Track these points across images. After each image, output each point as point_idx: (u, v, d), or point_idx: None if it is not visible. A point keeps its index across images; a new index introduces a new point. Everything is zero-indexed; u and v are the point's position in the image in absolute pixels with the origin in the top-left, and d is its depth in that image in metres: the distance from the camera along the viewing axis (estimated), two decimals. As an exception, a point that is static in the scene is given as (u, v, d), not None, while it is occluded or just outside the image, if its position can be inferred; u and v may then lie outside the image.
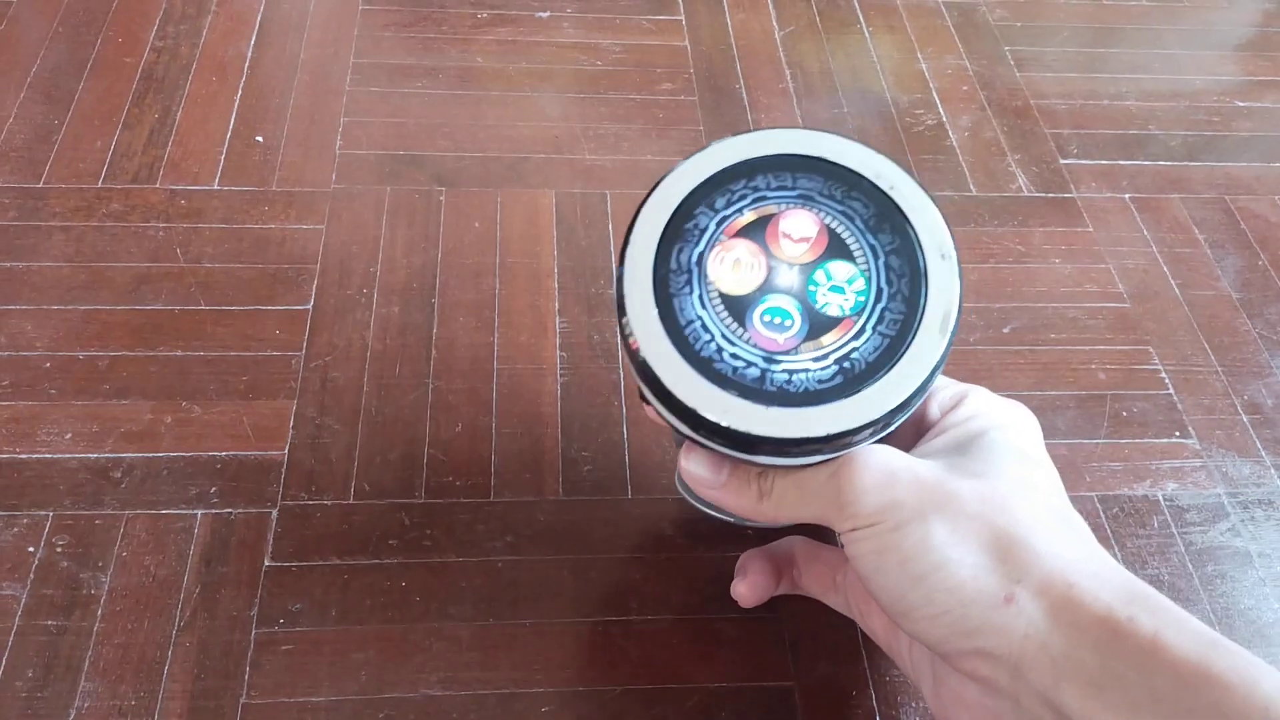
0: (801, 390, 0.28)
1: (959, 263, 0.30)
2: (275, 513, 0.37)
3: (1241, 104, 0.57)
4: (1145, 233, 0.50)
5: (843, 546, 0.29)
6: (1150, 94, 0.57)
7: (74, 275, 0.44)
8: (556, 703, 0.33)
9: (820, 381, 0.28)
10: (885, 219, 0.30)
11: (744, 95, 0.55)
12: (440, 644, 0.34)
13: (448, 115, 0.52)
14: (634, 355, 0.29)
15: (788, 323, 0.29)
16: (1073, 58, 0.59)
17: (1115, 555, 0.38)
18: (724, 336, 0.29)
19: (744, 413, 0.28)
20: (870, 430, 0.28)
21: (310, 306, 0.43)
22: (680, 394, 0.28)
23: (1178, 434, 0.42)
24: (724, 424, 0.28)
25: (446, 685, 0.33)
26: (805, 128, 0.32)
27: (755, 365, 0.28)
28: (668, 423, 0.29)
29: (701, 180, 0.31)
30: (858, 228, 0.30)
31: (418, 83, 0.54)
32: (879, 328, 0.29)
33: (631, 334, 0.29)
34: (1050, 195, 0.51)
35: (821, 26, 0.60)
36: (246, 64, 0.54)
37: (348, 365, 0.41)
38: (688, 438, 0.30)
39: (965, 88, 0.56)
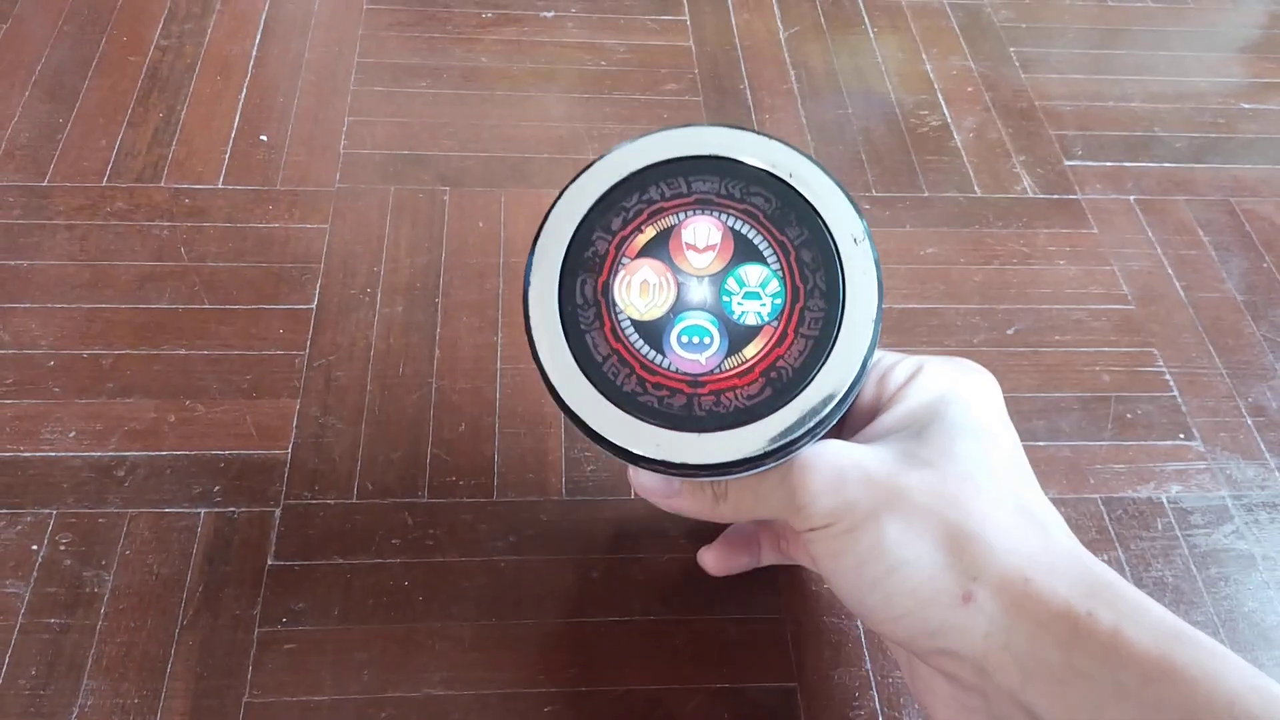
0: (731, 410, 0.27)
1: (873, 244, 0.28)
2: (278, 512, 0.37)
3: (1247, 106, 0.57)
4: (1150, 234, 0.50)
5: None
6: (1155, 95, 0.57)
7: (78, 274, 0.44)
8: (559, 703, 0.33)
9: (749, 398, 0.27)
10: (790, 210, 0.29)
11: (748, 96, 0.55)
12: (443, 644, 0.34)
13: (452, 115, 0.52)
14: (555, 398, 0.28)
15: (707, 340, 0.28)
16: (1078, 59, 0.59)
17: (1119, 558, 0.38)
18: (644, 368, 0.28)
19: (676, 444, 0.27)
20: (808, 435, 0.27)
21: (314, 306, 0.43)
22: (608, 434, 0.28)
23: (1182, 436, 0.42)
24: (658, 458, 0.27)
25: (449, 685, 0.33)
26: (690, 124, 0.30)
27: (680, 393, 0.28)
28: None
29: (593, 202, 0.29)
30: (763, 225, 0.29)
31: (422, 82, 0.54)
32: (801, 329, 0.28)
33: (548, 377, 0.28)
34: (1055, 197, 0.51)
35: (826, 27, 0.60)
36: (251, 63, 0.54)
37: (351, 365, 0.41)
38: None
39: (970, 89, 0.56)
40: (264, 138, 0.50)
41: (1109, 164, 0.53)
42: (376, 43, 0.56)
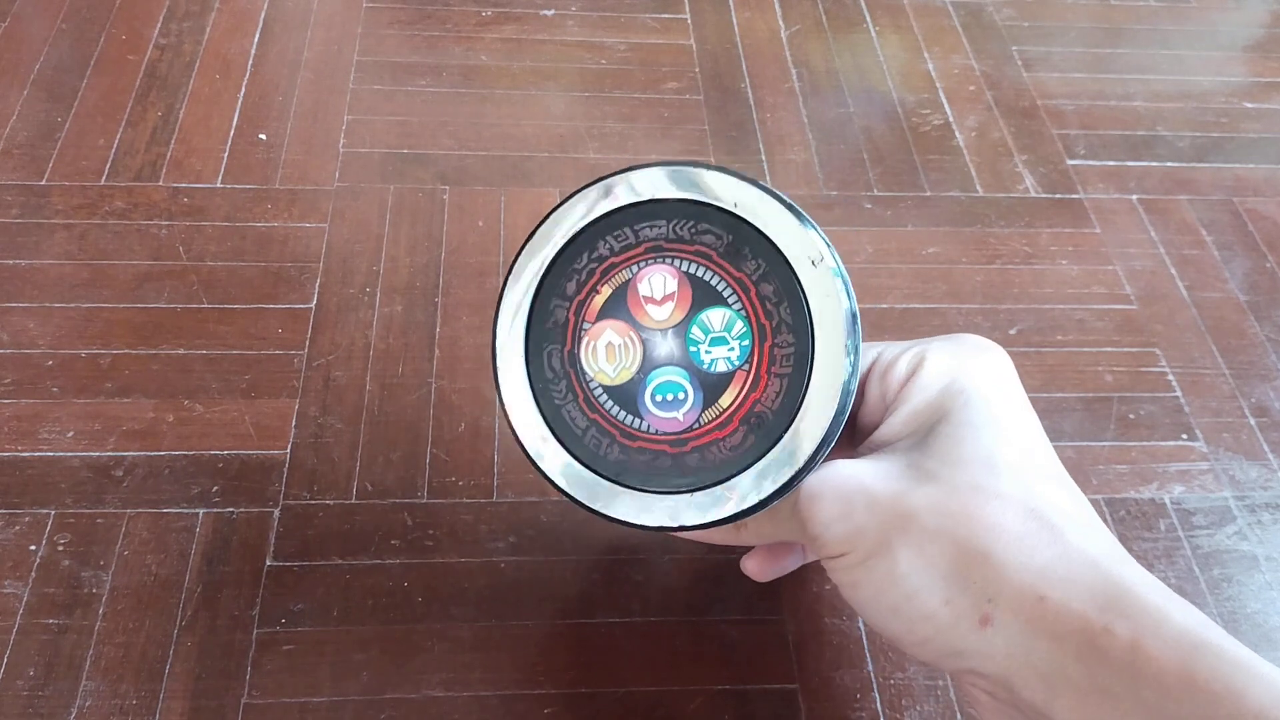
0: (717, 464, 0.27)
1: (838, 261, 0.27)
2: (277, 512, 0.37)
3: (1250, 105, 0.57)
4: (1152, 234, 0.49)
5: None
6: (1158, 95, 0.57)
7: (76, 273, 0.44)
8: (559, 704, 0.33)
9: (733, 449, 0.27)
10: (743, 243, 0.27)
11: (749, 94, 0.54)
12: (442, 645, 0.34)
13: (452, 113, 0.52)
14: (544, 477, 0.28)
15: (681, 396, 0.27)
16: (1080, 58, 0.59)
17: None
18: (624, 435, 0.27)
19: (671, 508, 0.27)
20: (803, 473, 0.27)
21: (313, 305, 0.43)
22: (604, 510, 0.27)
23: (1184, 437, 0.42)
24: (654, 524, 0.27)
25: (448, 686, 0.33)
26: (626, 169, 0.29)
27: (664, 454, 0.27)
28: None
29: (543, 271, 0.28)
30: (718, 265, 0.28)
31: (422, 81, 0.53)
32: (773, 369, 0.27)
33: (532, 457, 0.28)
34: (1057, 196, 0.51)
35: (828, 25, 0.59)
36: (250, 61, 0.54)
37: (350, 364, 0.41)
38: None
39: (972, 88, 0.56)
40: (263, 136, 0.50)
41: (1111, 163, 0.53)
42: (376, 41, 0.55)
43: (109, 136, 0.49)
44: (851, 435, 0.30)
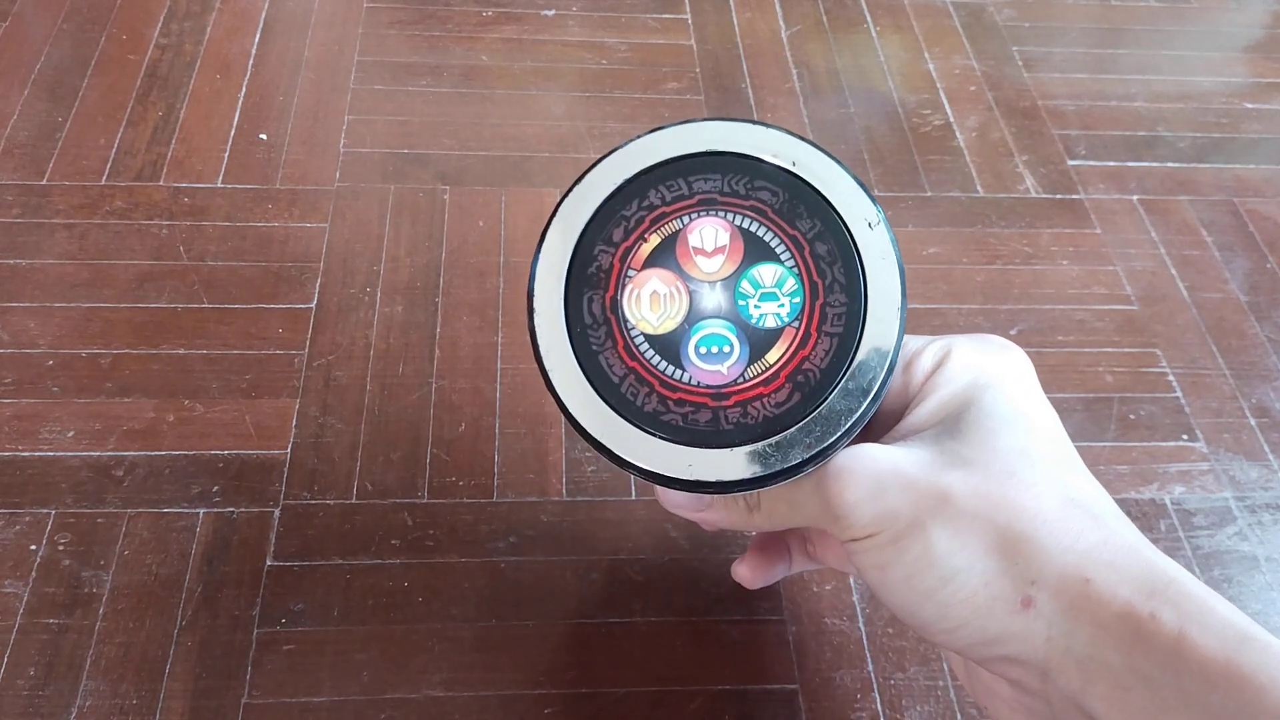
0: (760, 420, 0.26)
1: (889, 226, 0.27)
2: (277, 512, 0.37)
3: (1250, 105, 0.56)
4: (1153, 235, 0.49)
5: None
6: (1159, 95, 0.57)
7: (77, 273, 0.44)
8: (559, 704, 0.33)
9: (777, 406, 0.26)
10: (799, 202, 0.27)
11: (750, 94, 0.54)
12: (442, 645, 0.34)
13: (452, 113, 0.52)
14: (574, 425, 0.27)
15: (726, 349, 0.27)
16: (1081, 58, 0.59)
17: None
18: (664, 385, 0.27)
19: (708, 462, 0.26)
20: (844, 439, 0.26)
21: (313, 305, 0.43)
22: (636, 460, 0.26)
23: (1185, 437, 0.42)
24: (690, 479, 0.26)
25: (449, 686, 0.33)
26: (684, 120, 0.29)
27: (705, 408, 0.26)
28: None
29: (590, 215, 0.28)
30: (772, 221, 0.27)
31: (422, 81, 0.53)
32: (824, 328, 0.27)
33: (564, 404, 0.27)
34: (1058, 196, 0.51)
35: (828, 26, 0.59)
36: (250, 61, 0.54)
37: (351, 364, 0.41)
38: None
39: (973, 88, 0.56)
40: (263, 136, 0.50)
41: (1112, 164, 0.53)
42: (377, 41, 0.55)
43: (109, 136, 0.49)
44: (872, 427, 0.30)
